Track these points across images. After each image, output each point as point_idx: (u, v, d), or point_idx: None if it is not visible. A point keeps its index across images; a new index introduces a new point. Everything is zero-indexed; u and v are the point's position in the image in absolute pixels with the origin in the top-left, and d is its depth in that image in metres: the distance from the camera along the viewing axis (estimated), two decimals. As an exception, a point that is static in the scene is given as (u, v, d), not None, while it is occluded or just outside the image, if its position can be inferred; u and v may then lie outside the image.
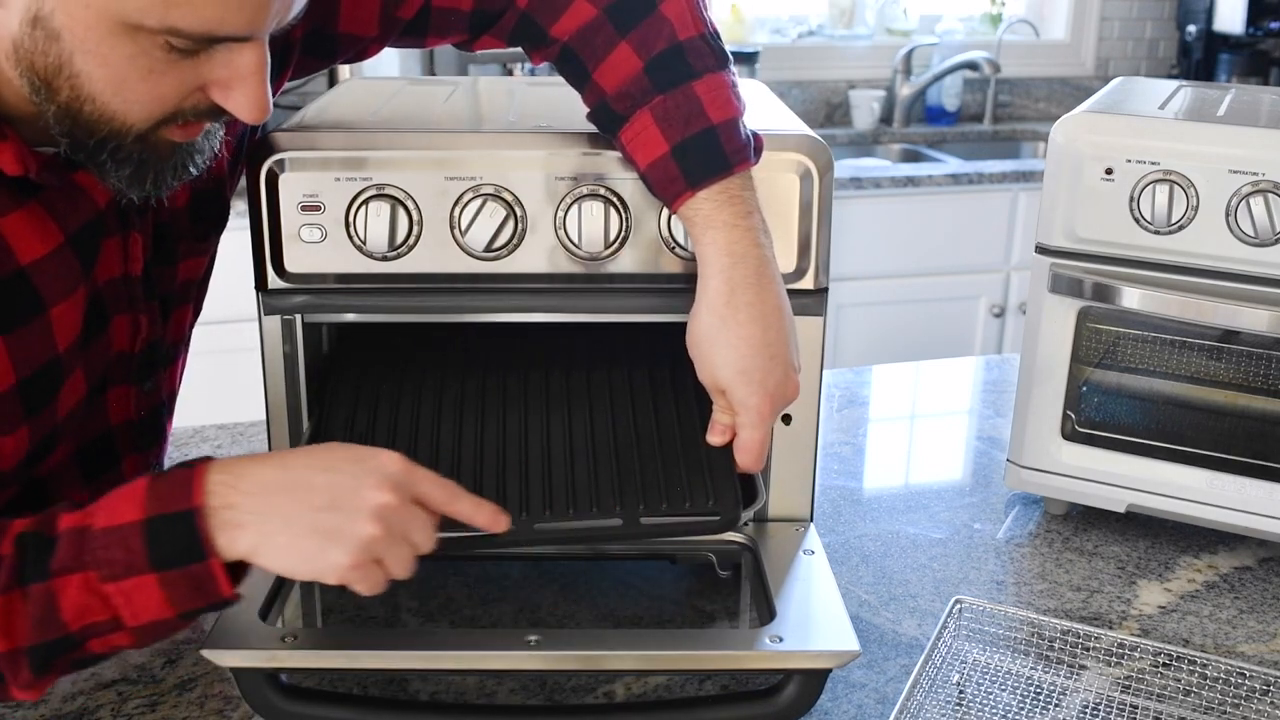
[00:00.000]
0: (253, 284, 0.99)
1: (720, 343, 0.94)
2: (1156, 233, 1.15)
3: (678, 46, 0.95)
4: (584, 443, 1.03)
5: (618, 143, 0.97)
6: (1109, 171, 1.15)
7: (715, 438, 0.98)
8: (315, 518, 0.79)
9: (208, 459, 0.81)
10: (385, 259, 0.98)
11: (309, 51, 1.05)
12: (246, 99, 0.82)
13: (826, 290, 1.02)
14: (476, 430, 1.05)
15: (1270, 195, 1.10)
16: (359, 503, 0.79)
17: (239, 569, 0.80)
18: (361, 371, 1.11)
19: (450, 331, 1.19)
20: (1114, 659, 1.02)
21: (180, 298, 1.04)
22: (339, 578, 0.80)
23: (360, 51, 1.07)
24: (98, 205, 0.90)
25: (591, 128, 0.99)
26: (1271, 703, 0.96)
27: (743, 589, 1.07)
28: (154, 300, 0.98)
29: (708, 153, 0.93)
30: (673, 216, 0.97)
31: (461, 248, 0.98)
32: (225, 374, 2.29)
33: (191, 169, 0.87)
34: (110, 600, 0.78)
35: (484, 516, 0.87)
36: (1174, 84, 1.34)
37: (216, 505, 0.78)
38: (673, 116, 0.94)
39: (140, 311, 0.96)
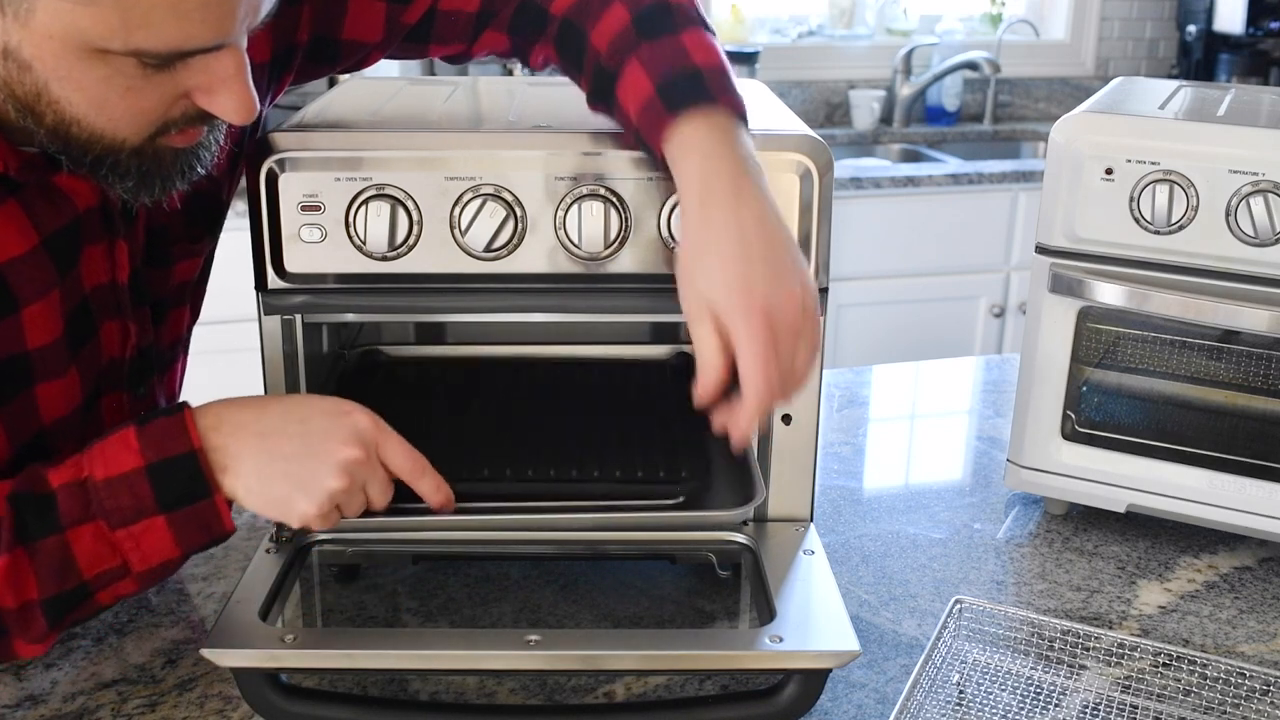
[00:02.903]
0: (253, 284, 0.99)
1: (697, 270, 0.86)
2: (1156, 233, 1.15)
3: (666, 5, 0.95)
4: (573, 449, 1.07)
5: (616, 109, 0.95)
6: (1109, 171, 1.15)
7: (704, 388, 0.86)
8: (287, 466, 0.84)
9: (184, 404, 0.85)
10: (385, 259, 0.98)
11: (311, 58, 1.05)
12: (231, 102, 0.82)
13: (826, 290, 1.02)
14: (484, 448, 1.09)
15: (1270, 195, 1.10)
16: (328, 456, 0.84)
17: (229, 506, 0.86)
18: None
19: (464, 375, 1.26)
20: (1114, 659, 1.02)
21: (175, 300, 1.04)
22: (301, 523, 0.86)
23: (362, 59, 1.07)
24: (77, 210, 0.90)
25: (591, 127, 0.99)
26: (1271, 703, 0.96)
27: (743, 589, 1.07)
28: (144, 306, 0.99)
29: (691, 84, 0.91)
30: (673, 215, 0.97)
31: (461, 248, 0.98)
32: (225, 374, 2.29)
33: (199, 168, 0.88)
34: (120, 546, 0.82)
35: (440, 497, 0.92)
36: (1174, 84, 1.35)
37: (207, 447, 0.83)
38: (658, 59, 0.92)
39: (129, 318, 0.97)
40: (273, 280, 0.99)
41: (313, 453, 0.84)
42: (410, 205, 0.97)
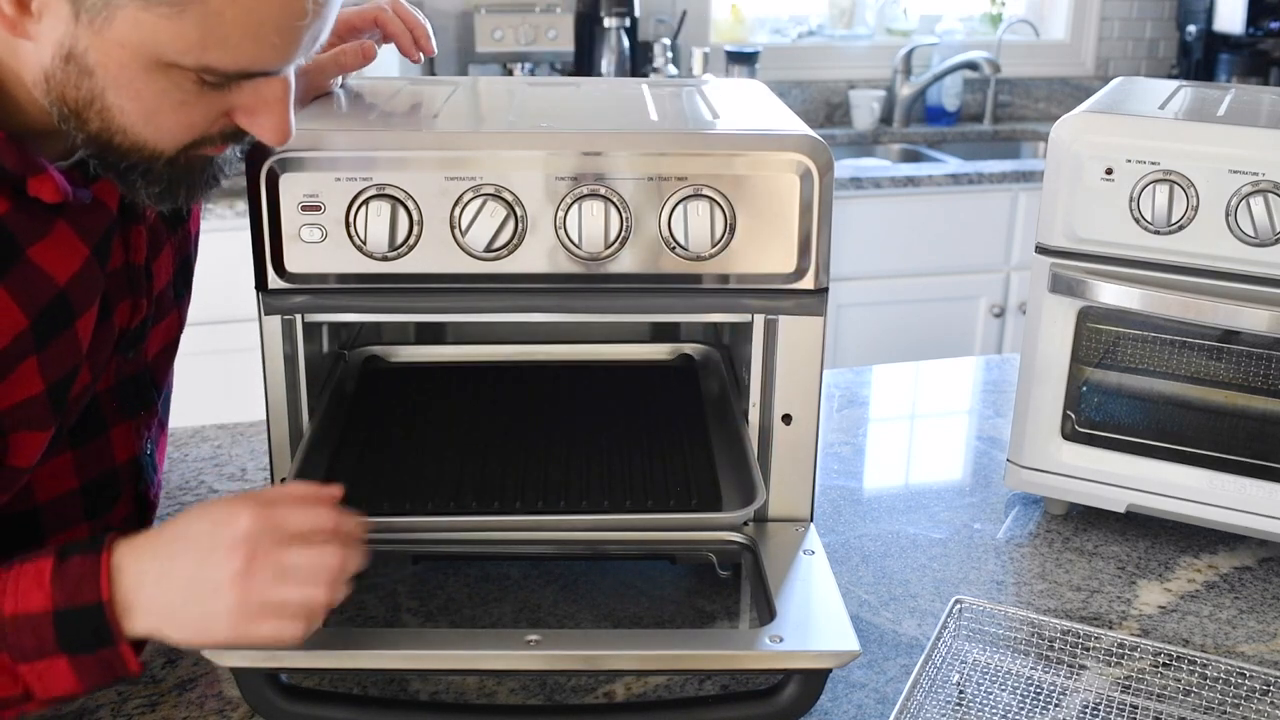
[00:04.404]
0: (253, 284, 0.99)
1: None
2: (1156, 233, 1.15)
3: None
4: (581, 465, 1.08)
5: None
6: (1109, 171, 1.15)
7: None
8: (187, 603, 0.81)
9: (110, 539, 0.82)
10: (385, 259, 0.98)
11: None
12: (272, 125, 0.84)
13: (826, 290, 1.02)
14: (487, 450, 1.10)
15: (1270, 195, 1.10)
16: (215, 572, 0.80)
17: (141, 643, 0.83)
18: (382, 402, 1.20)
19: (466, 377, 1.27)
20: (1114, 659, 1.02)
21: (195, 255, 1.09)
22: (237, 641, 0.82)
23: None
24: (112, 212, 0.92)
25: (592, 128, 0.99)
26: (1271, 703, 0.96)
27: (743, 589, 1.07)
28: (151, 282, 1.00)
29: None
30: (672, 216, 0.98)
31: (462, 248, 0.98)
32: (225, 374, 2.29)
33: (221, 179, 0.89)
34: (22, 678, 0.81)
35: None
36: (1174, 84, 1.34)
37: (117, 597, 0.80)
38: None
39: (141, 295, 0.98)
40: (273, 280, 0.99)
41: (202, 575, 0.81)
42: (410, 205, 0.97)
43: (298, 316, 1.01)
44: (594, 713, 0.95)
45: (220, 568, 0.80)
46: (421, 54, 1.16)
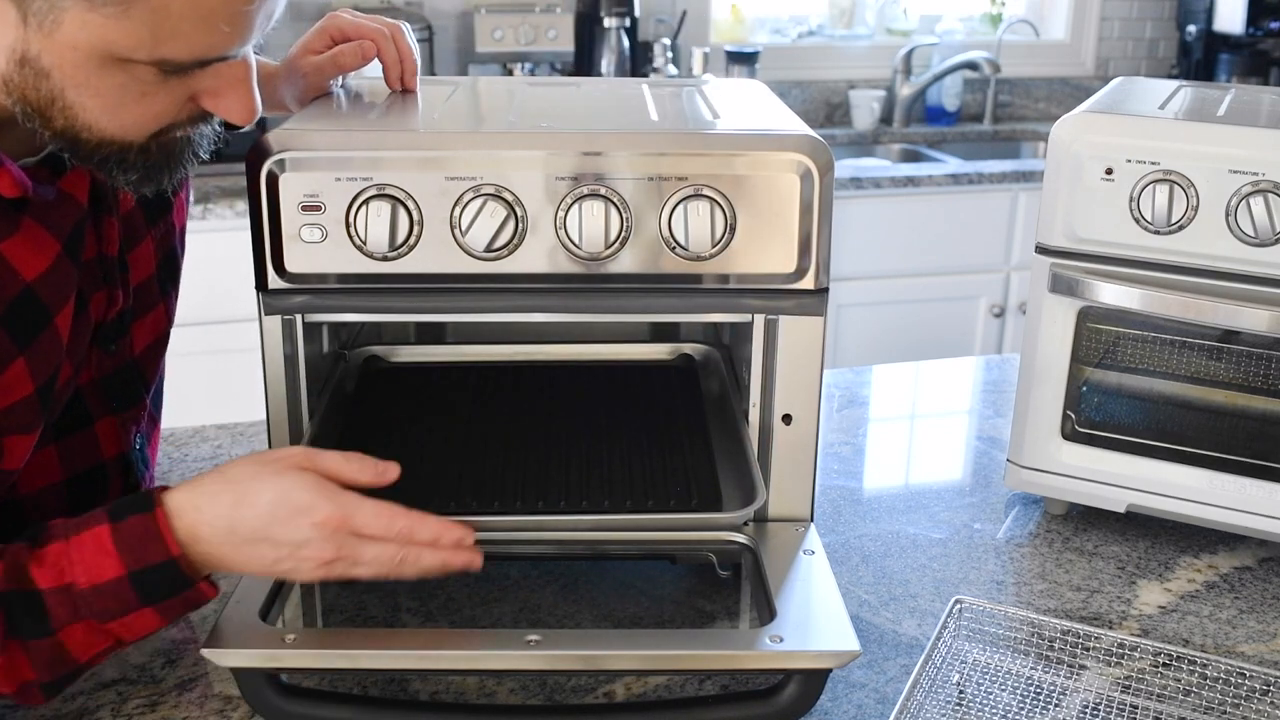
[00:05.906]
0: (253, 284, 0.99)
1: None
2: (1156, 233, 1.15)
3: None
4: (581, 465, 1.08)
5: None
6: (1109, 171, 1.15)
7: None
8: (270, 568, 0.86)
9: (158, 496, 0.83)
10: (386, 259, 0.98)
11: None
12: (238, 104, 0.85)
13: (826, 290, 1.02)
14: (487, 451, 1.11)
15: (1270, 195, 1.10)
16: (303, 557, 0.85)
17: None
18: (386, 399, 1.21)
19: (466, 377, 1.27)
20: (1114, 659, 1.02)
21: (181, 246, 1.09)
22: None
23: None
24: (82, 206, 0.92)
25: (592, 128, 0.99)
26: (1271, 703, 0.96)
27: (743, 589, 1.07)
28: (126, 273, 1.00)
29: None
30: (673, 216, 0.98)
31: (462, 248, 0.98)
32: (225, 374, 2.29)
33: (202, 154, 0.90)
34: (113, 632, 0.84)
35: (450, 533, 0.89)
36: (1174, 84, 1.34)
37: (188, 552, 0.83)
38: None
39: (116, 286, 0.98)
40: (273, 280, 0.99)
41: (286, 558, 0.85)
42: (411, 205, 0.97)
43: (298, 316, 1.01)
44: (594, 713, 0.95)
45: (306, 555, 0.84)
46: (403, 81, 1.16)
